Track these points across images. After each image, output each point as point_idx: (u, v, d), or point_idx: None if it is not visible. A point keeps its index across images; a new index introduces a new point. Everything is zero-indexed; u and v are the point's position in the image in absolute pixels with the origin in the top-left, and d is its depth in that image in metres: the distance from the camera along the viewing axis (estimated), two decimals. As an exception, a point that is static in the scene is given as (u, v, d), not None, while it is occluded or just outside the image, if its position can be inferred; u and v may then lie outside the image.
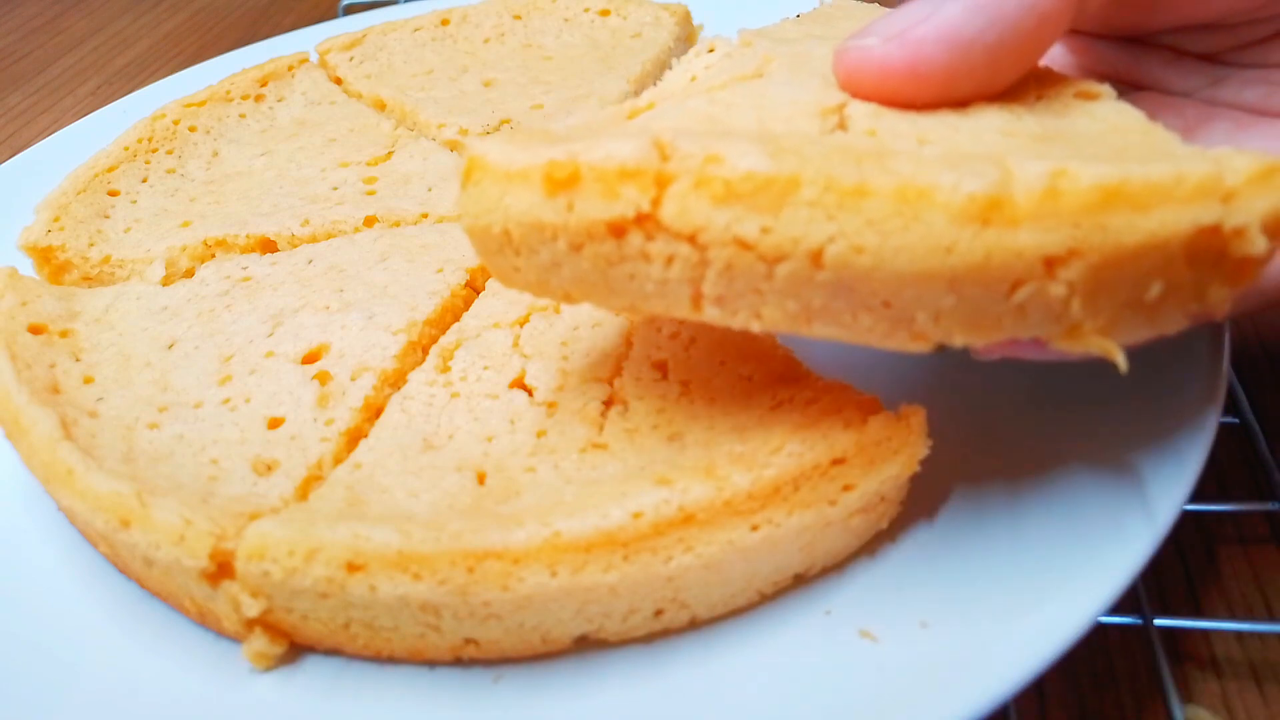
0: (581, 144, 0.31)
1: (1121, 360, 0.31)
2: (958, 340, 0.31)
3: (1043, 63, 0.41)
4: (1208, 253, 0.30)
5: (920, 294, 0.30)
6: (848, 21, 0.46)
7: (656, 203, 0.30)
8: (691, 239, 0.30)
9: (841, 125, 0.34)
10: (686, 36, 0.76)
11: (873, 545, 0.41)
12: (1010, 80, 0.35)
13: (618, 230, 0.31)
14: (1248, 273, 0.31)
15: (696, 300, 0.32)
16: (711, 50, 0.41)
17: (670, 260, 0.31)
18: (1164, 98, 0.43)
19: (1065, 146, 0.32)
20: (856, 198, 0.29)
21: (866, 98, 0.35)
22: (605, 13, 0.77)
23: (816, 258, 0.29)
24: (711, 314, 0.32)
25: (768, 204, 0.29)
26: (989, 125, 0.34)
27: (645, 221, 0.31)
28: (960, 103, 0.35)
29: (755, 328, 0.32)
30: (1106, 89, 0.37)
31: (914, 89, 0.34)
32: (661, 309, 0.33)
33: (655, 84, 0.43)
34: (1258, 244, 0.29)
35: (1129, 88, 0.45)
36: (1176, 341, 0.38)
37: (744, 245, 0.30)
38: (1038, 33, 0.33)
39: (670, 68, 0.73)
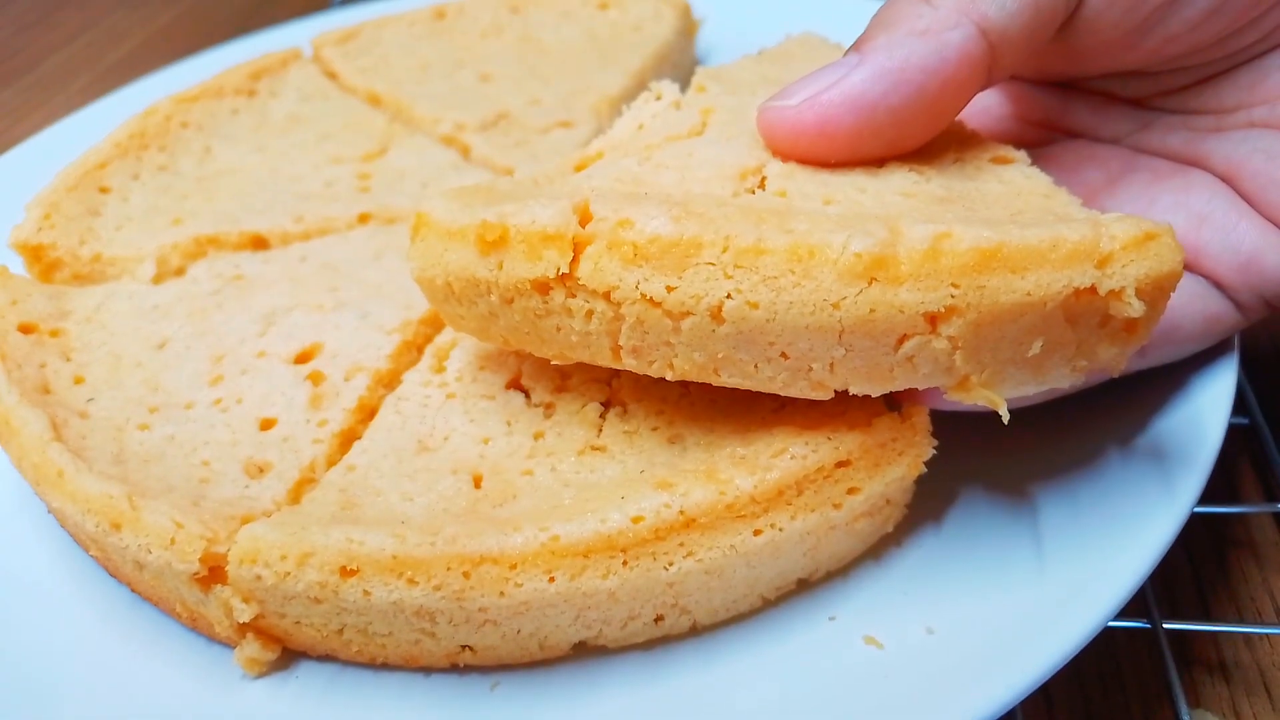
0: (512, 206, 0.34)
1: (1004, 412, 0.33)
2: (855, 388, 0.34)
3: (978, 109, 0.45)
4: (1088, 313, 0.32)
5: (813, 346, 0.32)
6: (806, 62, 0.47)
7: (574, 263, 0.33)
8: (606, 296, 0.33)
9: (761, 185, 0.37)
10: (686, 30, 0.75)
11: (878, 549, 0.40)
12: (919, 141, 0.38)
13: (542, 288, 0.34)
14: (1134, 333, 0.33)
15: (616, 351, 0.35)
16: (659, 98, 0.45)
17: (590, 315, 0.34)
18: (1091, 147, 0.45)
19: (963, 209, 0.35)
20: (753, 255, 0.31)
21: (782, 155, 0.38)
22: (604, 6, 0.77)
23: (717, 313, 0.32)
24: (630, 363, 0.35)
25: (672, 265, 0.32)
26: (894, 186, 0.37)
27: (565, 280, 0.34)
28: (873, 162, 0.38)
29: (670, 377, 0.35)
30: (1020, 155, 0.39)
31: (824, 149, 0.37)
32: (587, 358, 0.36)
33: (651, 85, 0.46)
34: (1134, 307, 0.32)
35: (1061, 134, 0.47)
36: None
37: (652, 302, 0.33)
38: (940, 97, 0.35)
39: (674, 65, 0.73)
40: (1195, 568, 0.48)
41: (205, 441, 0.43)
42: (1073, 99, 0.46)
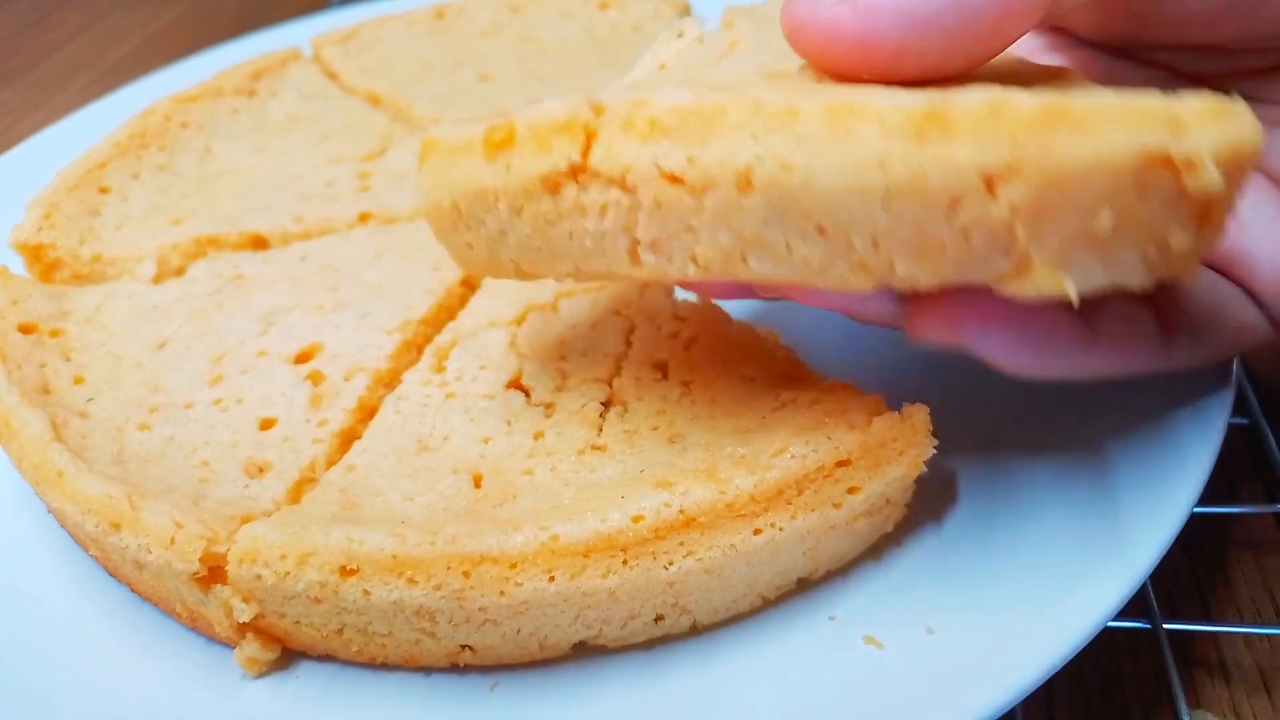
0: (522, 110, 0.32)
1: (1073, 291, 0.29)
2: (901, 271, 0.30)
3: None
4: (1160, 186, 0.29)
5: (854, 214, 0.29)
6: None
7: (586, 151, 0.31)
8: (622, 182, 0.30)
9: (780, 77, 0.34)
10: (686, 30, 0.75)
11: (878, 549, 0.40)
12: (961, 68, 0.33)
13: (552, 185, 0.32)
14: (1209, 221, 0.30)
15: (633, 250, 0.32)
16: (681, 35, 0.42)
17: (604, 209, 0.31)
18: None
19: None
20: (785, 118, 0.28)
21: (807, 58, 0.33)
22: (604, 6, 0.77)
23: (745, 181, 0.29)
24: (649, 262, 0.32)
25: (694, 134, 0.29)
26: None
27: (578, 172, 0.31)
28: (904, 83, 0.33)
29: (693, 273, 0.32)
30: (1077, 74, 0.35)
31: (858, 59, 0.32)
32: (603, 267, 0.33)
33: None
34: (1210, 175, 0.28)
35: None
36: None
37: (672, 179, 0.30)
38: (999, 25, 0.31)
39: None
40: (1195, 568, 0.48)
41: (205, 441, 0.43)
42: (1128, 69, 0.41)
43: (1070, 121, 0.28)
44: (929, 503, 0.41)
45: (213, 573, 0.37)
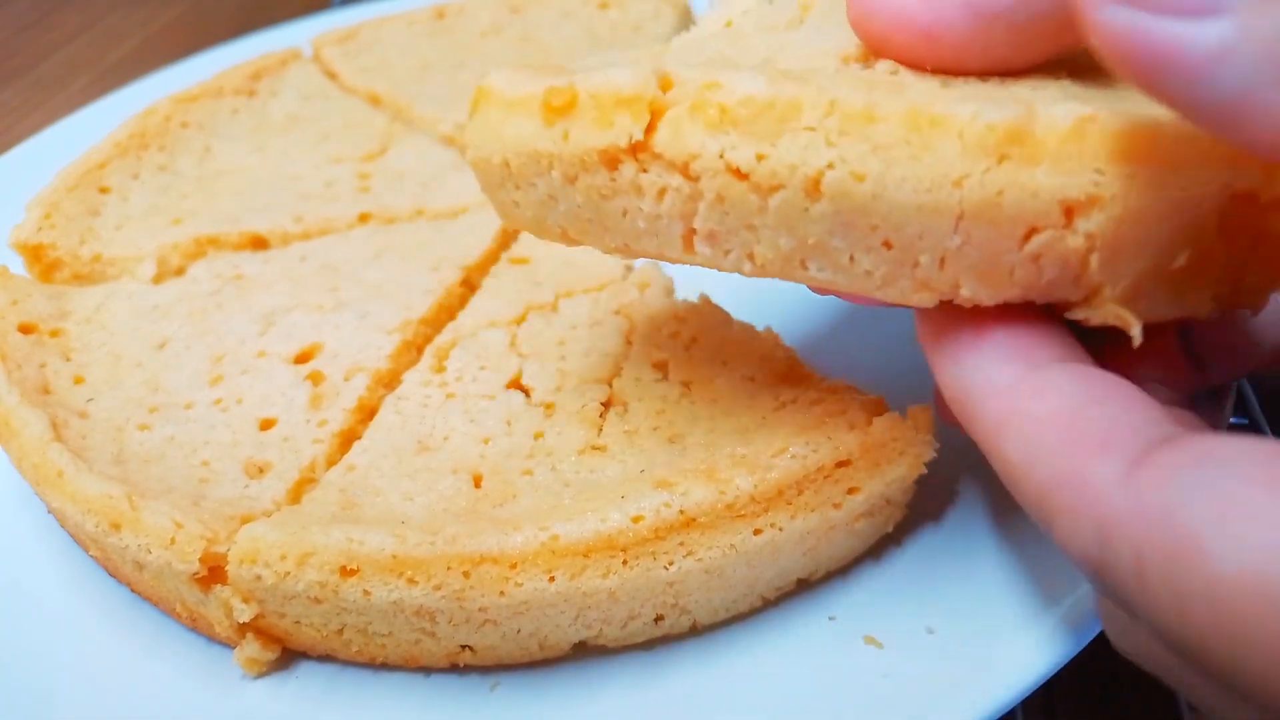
0: (584, 73, 0.30)
1: (1137, 333, 0.28)
2: (965, 291, 0.29)
3: None
4: (1244, 227, 0.28)
5: (924, 232, 0.28)
6: None
7: (650, 130, 0.29)
8: (684, 169, 0.29)
9: (868, 66, 0.32)
10: (686, 29, 0.75)
11: (878, 549, 0.40)
12: (1033, 62, 0.31)
13: (611, 160, 0.30)
14: None
15: (688, 238, 0.31)
16: None
17: (662, 193, 0.30)
18: None
19: (1104, 105, 0.29)
20: (862, 122, 0.27)
21: (869, 44, 0.32)
22: (604, 6, 0.77)
23: (814, 187, 0.28)
24: (704, 253, 0.31)
25: (765, 130, 0.28)
26: (1021, 82, 0.31)
27: (639, 151, 0.30)
28: (970, 73, 0.31)
29: (747, 270, 0.31)
30: None
31: (924, 49, 0.30)
32: (654, 249, 0.32)
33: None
34: None
35: None
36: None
37: (737, 174, 0.28)
38: (1069, 23, 0.28)
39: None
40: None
41: (205, 441, 0.43)
42: None
43: (1159, 151, 0.26)
44: (929, 503, 0.41)
45: (213, 573, 0.37)
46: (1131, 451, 0.23)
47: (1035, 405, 0.26)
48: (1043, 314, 0.29)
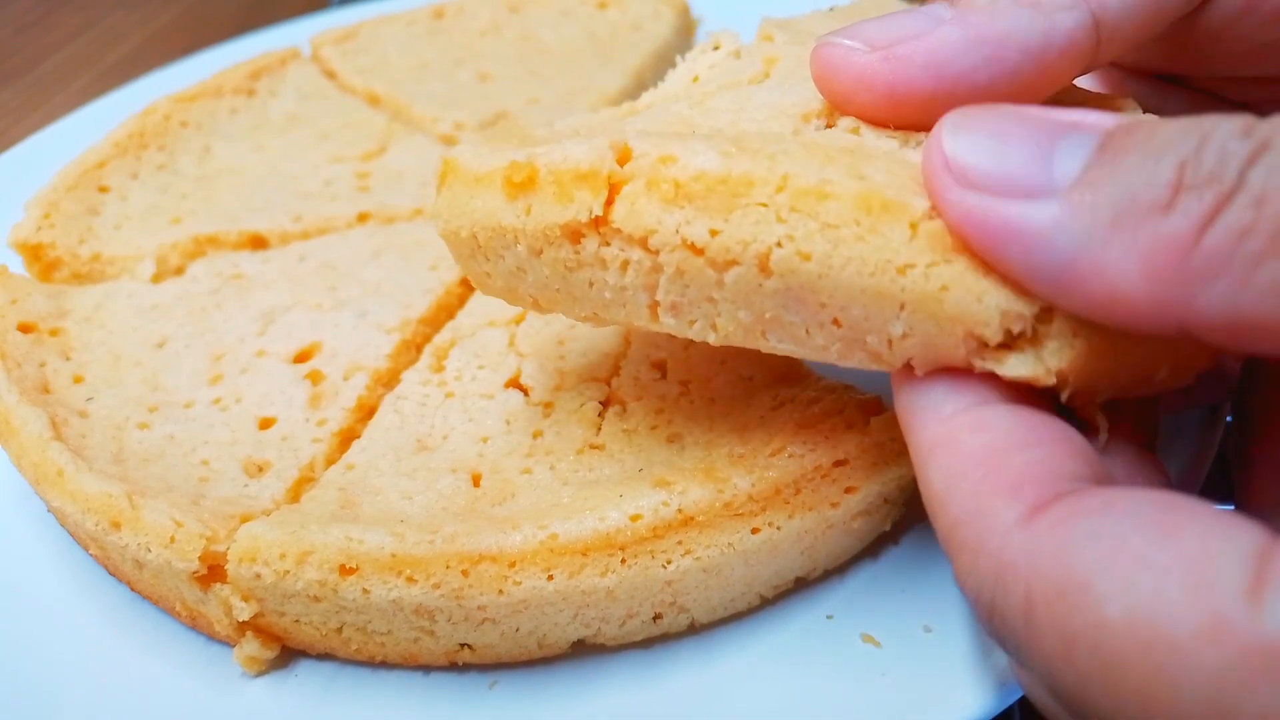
0: (544, 147, 0.31)
1: (1104, 434, 0.28)
2: (919, 368, 0.28)
3: None
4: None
5: (868, 315, 0.28)
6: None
7: (609, 204, 0.30)
8: (643, 243, 0.29)
9: (829, 125, 0.32)
10: (685, 29, 0.75)
11: (875, 548, 0.40)
12: None
13: (573, 234, 0.30)
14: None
15: (653, 309, 0.31)
16: (717, 48, 0.40)
17: (625, 266, 0.30)
18: None
19: None
20: (814, 199, 0.27)
21: (832, 101, 0.32)
22: (603, 5, 0.77)
23: (764, 263, 0.28)
24: (669, 324, 0.31)
25: (718, 205, 0.28)
26: None
27: (599, 225, 0.30)
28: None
29: (712, 340, 0.31)
30: (1129, 102, 0.33)
31: (885, 108, 0.31)
32: (623, 318, 0.32)
33: (657, 84, 0.42)
34: None
35: None
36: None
37: (693, 249, 0.29)
38: (1033, 83, 0.30)
39: (673, 65, 0.73)
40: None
41: (205, 440, 0.43)
42: (1169, 93, 0.40)
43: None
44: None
45: (212, 571, 0.37)
46: (1038, 498, 0.24)
47: (967, 439, 0.26)
48: None
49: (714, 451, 0.38)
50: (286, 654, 0.39)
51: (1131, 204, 0.23)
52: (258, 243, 0.55)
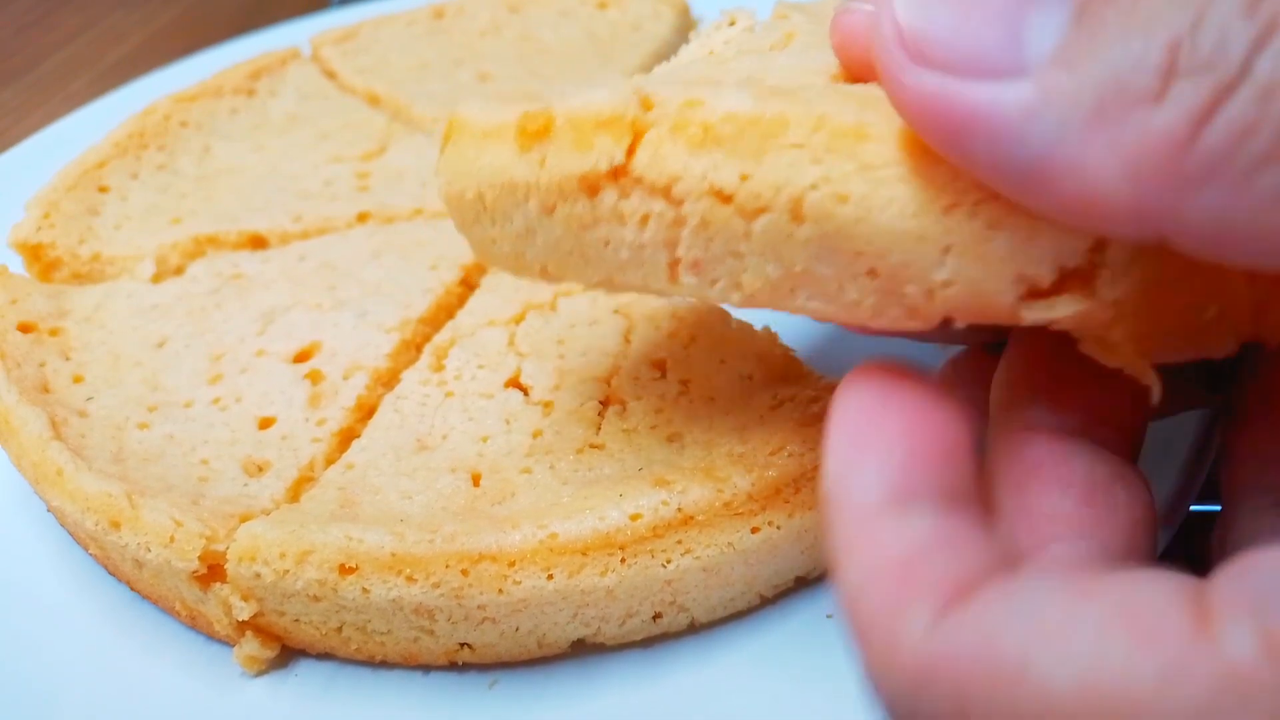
0: (561, 98, 0.29)
1: (1156, 388, 0.26)
2: (960, 324, 0.26)
3: None
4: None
5: (908, 261, 0.25)
6: None
7: (631, 152, 0.28)
8: (666, 192, 0.27)
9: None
10: (685, 29, 0.75)
11: (875, 547, 0.40)
12: None
13: (591, 186, 0.28)
14: None
15: (673, 268, 0.29)
16: (732, 23, 0.38)
17: (645, 220, 0.28)
18: None
19: None
20: (852, 140, 0.25)
21: (857, 71, 0.29)
22: (603, 5, 0.77)
23: (797, 208, 0.26)
24: (689, 283, 0.29)
25: (750, 148, 0.26)
26: None
27: (619, 175, 0.28)
28: None
29: (735, 301, 0.29)
30: None
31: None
32: (638, 281, 0.30)
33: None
34: None
35: None
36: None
37: (721, 196, 0.26)
38: None
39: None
40: (1195, 568, 0.48)
41: (204, 440, 0.43)
42: None
43: None
44: (927, 501, 0.41)
45: (212, 571, 0.37)
46: (943, 600, 0.22)
47: (886, 537, 0.24)
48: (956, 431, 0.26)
49: (714, 451, 0.38)
50: (286, 653, 0.39)
51: (1116, 91, 0.20)
52: (258, 243, 0.55)
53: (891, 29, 0.23)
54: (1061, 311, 0.25)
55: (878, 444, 0.25)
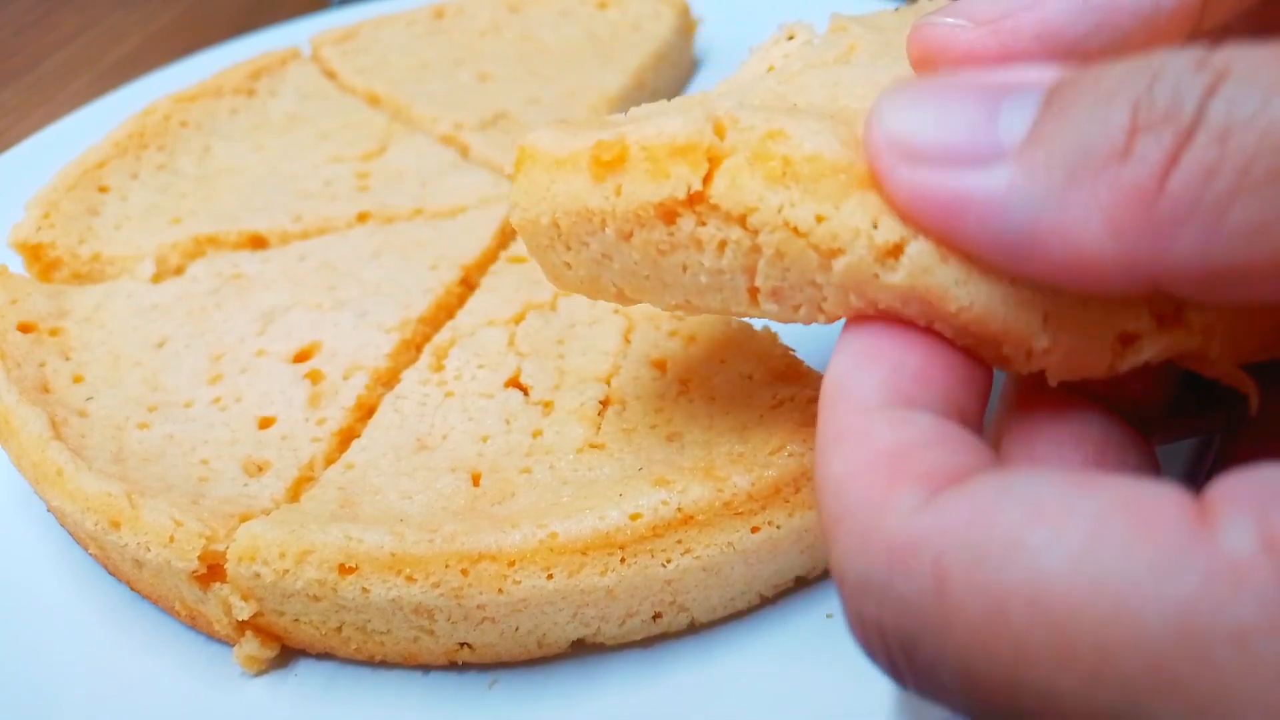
0: (633, 124, 0.29)
1: (1255, 398, 0.26)
2: (1055, 380, 0.27)
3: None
4: None
5: (1009, 328, 0.25)
6: None
7: (708, 179, 0.28)
8: (742, 221, 0.27)
9: None
10: (685, 29, 0.75)
11: (875, 546, 0.40)
12: None
13: (668, 214, 0.29)
14: None
15: (753, 294, 0.29)
16: (791, 38, 0.38)
17: (723, 246, 0.28)
18: None
19: None
20: None
21: None
22: (603, 5, 0.77)
23: (888, 254, 0.25)
24: (770, 310, 0.29)
25: (830, 191, 0.26)
26: None
27: (696, 202, 0.28)
28: None
29: (823, 321, 0.29)
30: None
31: None
32: (718, 305, 0.30)
33: (656, 85, 0.40)
34: None
35: None
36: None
37: (796, 232, 0.26)
38: (1143, 47, 0.26)
39: (673, 65, 0.72)
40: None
41: (204, 440, 0.43)
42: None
43: None
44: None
45: (212, 571, 0.37)
46: (934, 486, 0.22)
47: (882, 432, 0.24)
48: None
49: (714, 450, 0.38)
50: (286, 653, 0.39)
51: (1085, 155, 0.22)
52: (258, 243, 0.55)
53: (880, 135, 0.25)
54: (1158, 353, 0.25)
55: (888, 356, 0.26)
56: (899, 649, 0.22)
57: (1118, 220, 0.21)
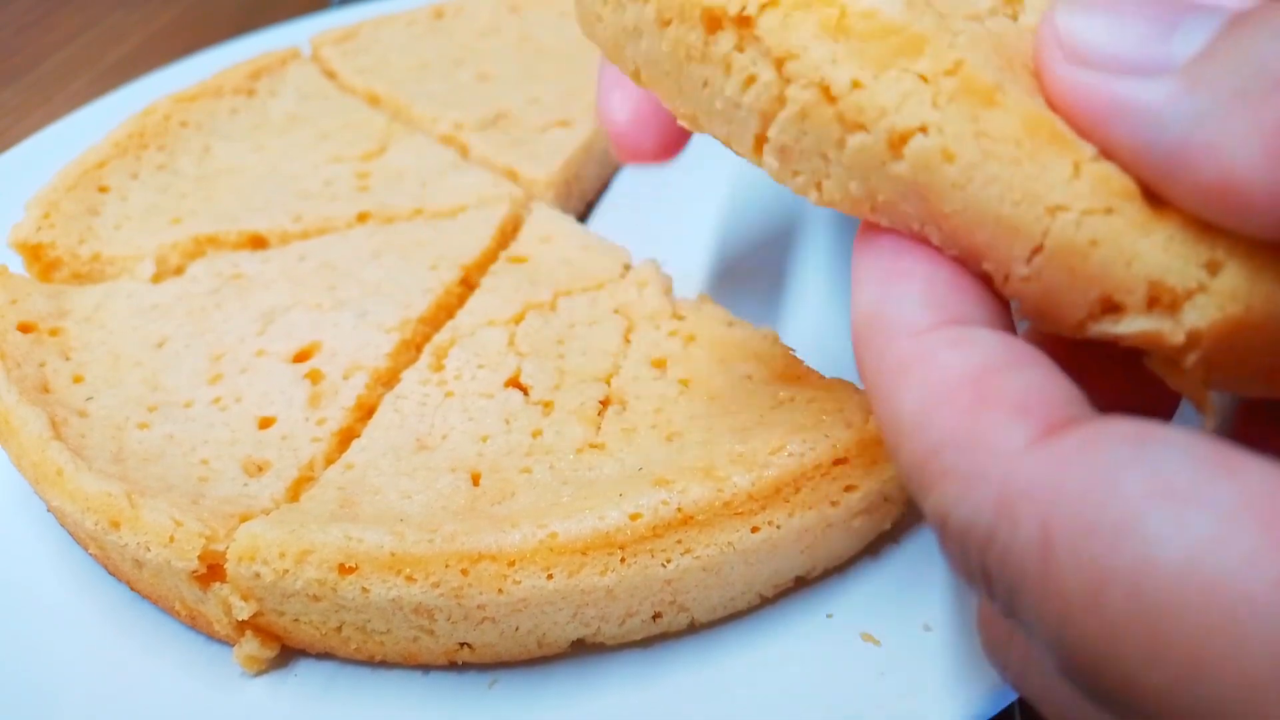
0: None
1: (1211, 421, 0.26)
2: (1022, 313, 0.26)
3: None
4: None
5: (996, 244, 0.24)
6: None
7: (763, 7, 0.26)
8: (779, 64, 0.26)
9: (1013, 16, 0.28)
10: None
11: (875, 547, 0.40)
12: None
13: (713, 22, 0.27)
14: None
15: (759, 141, 0.28)
16: None
17: (750, 82, 0.27)
18: None
19: None
20: (980, 101, 0.24)
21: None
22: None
23: (898, 143, 0.24)
24: (770, 165, 0.28)
25: (874, 56, 0.24)
26: None
27: (743, 25, 0.26)
28: None
29: (813, 199, 0.27)
30: None
31: None
32: (723, 135, 0.29)
33: None
34: None
35: None
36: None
37: (827, 94, 0.25)
38: None
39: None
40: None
41: (204, 440, 0.43)
42: None
43: None
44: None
45: (212, 571, 0.37)
46: (1049, 419, 0.21)
47: (948, 356, 0.23)
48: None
49: (714, 450, 0.38)
50: (286, 653, 0.39)
51: (1258, 75, 0.20)
52: (257, 242, 0.55)
53: (1050, 32, 0.24)
54: (1129, 329, 0.24)
55: (919, 271, 0.25)
56: (1003, 594, 0.21)
57: (1278, 147, 0.20)
